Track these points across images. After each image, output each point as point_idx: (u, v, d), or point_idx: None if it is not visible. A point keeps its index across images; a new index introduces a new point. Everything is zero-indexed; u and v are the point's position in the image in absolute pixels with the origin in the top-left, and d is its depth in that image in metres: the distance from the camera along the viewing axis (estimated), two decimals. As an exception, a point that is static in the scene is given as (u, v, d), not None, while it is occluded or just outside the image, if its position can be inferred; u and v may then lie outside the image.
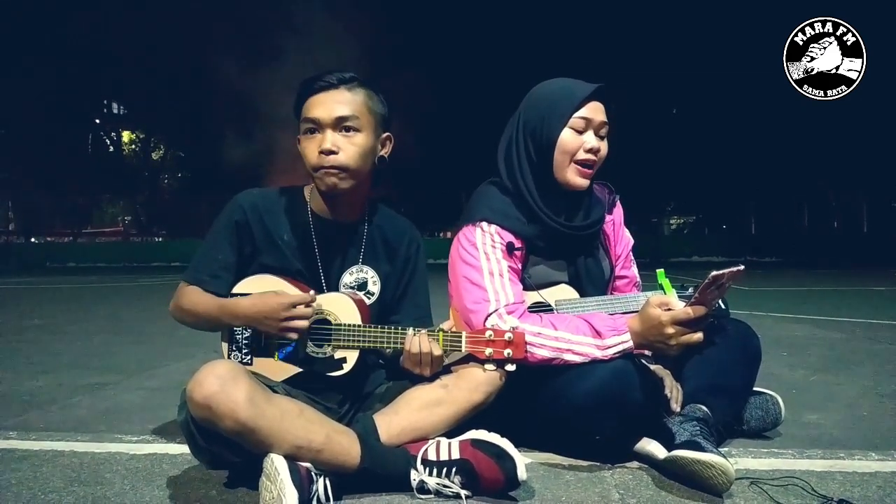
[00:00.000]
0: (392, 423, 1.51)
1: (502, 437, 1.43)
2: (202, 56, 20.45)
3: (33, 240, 27.24)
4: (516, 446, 1.42)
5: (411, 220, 1.87)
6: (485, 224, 1.73)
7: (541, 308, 1.77)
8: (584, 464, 1.64)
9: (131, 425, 2.07)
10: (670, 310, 1.57)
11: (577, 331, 1.60)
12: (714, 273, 1.52)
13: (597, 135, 1.73)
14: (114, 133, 30.27)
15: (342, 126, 1.59)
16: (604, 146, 1.75)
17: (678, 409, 1.69)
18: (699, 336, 1.57)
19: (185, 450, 1.67)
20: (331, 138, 1.58)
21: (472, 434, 1.46)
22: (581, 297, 1.81)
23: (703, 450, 1.42)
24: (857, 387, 2.57)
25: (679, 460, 1.46)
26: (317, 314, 1.58)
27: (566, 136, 1.71)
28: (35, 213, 27.12)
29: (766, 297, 7.10)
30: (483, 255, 1.70)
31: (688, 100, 23.99)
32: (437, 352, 1.52)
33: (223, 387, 1.30)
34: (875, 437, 1.89)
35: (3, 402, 2.42)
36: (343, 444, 1.41)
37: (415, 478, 1.42)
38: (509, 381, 1.57)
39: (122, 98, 28.65)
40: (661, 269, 1.83)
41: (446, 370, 1.59)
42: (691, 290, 1.71)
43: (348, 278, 1.70)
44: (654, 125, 22.46)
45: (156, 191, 29.99)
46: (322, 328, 1.59)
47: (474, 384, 1.53)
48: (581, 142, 1.71)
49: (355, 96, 1.61)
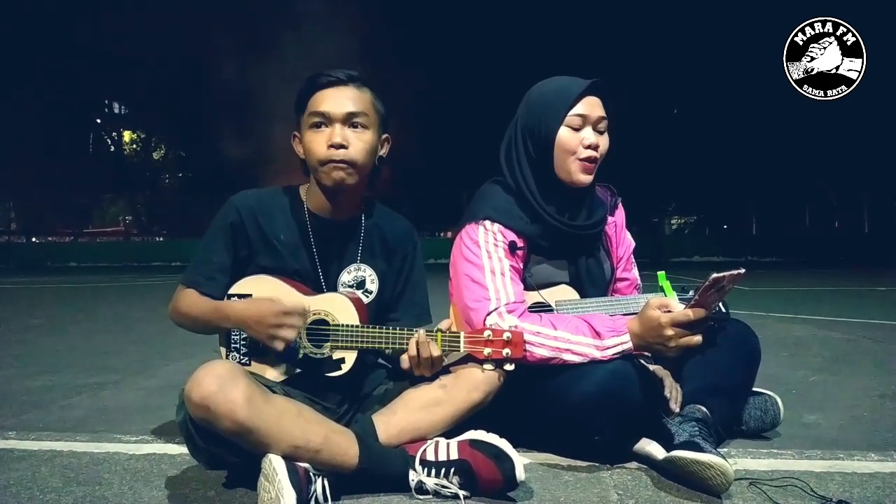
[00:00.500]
0: (390, 423, 1.51)
1: (501, 437, 1.43)
2: (203, 55, 20.46)
3: (34, 239, 27.23)
4: (515, 447, 1.42)
5: (412, 220, 1.87)
6: (488, 222, 1.73)
7: (541, 308, 1.77)
8: (583, 464, 1.64)
9: (130, 425, 2.07)
10: (670, 311, 1.57)
11: (577, 331, 1.60)
12: (715, 275, 1.52)
13: (595, 130, 1.72)
14: (115, 133, 30.32)
15: (351, 122, 1.60)
16: (604, 141, 1.74)
17: (677, 410, 1.69)
18: (698, 338, 1.57)
19: (183, 450, 1.67)
20: (340, 132, 1.58)
21: (471, 434, 1.46)
22: (581, 297, 1.81)
23: (702, 450, 1.42)
24: (857, 387, 2.57)
25: (678, 461, 1.45)
26: (315, 315, 1.58)
27: (564, 135, 1.71)
28: (36, 212, 27.12)
29: (767, 296, 7.09)
30: (485, 253, 1.70)
31: (688, 100, 23.98)
32: (435, 352, 1.52)
33: (221, 387, 1.30)
34: (875, 437, 1.89)
35: (1, 402, 2.42)
36: (341, 444, 1.41)
37: (413, 478, 1.41)
38: (508, 382, 1.57)
39: (123, 98, 28.69)
40: (662, 272, 1.83)
41: (445, 370, 1.59)
42: (692, 293, 1.71)
43: (346, 277, 1.70)
44: (655, 125, 22.45)
45: (157, 190, 30.02)
46: (320, 329, 1.58)
47: (473, 384, 1.53)
48: (579, 139, 1.71)
49: (363, 94, 1.63)
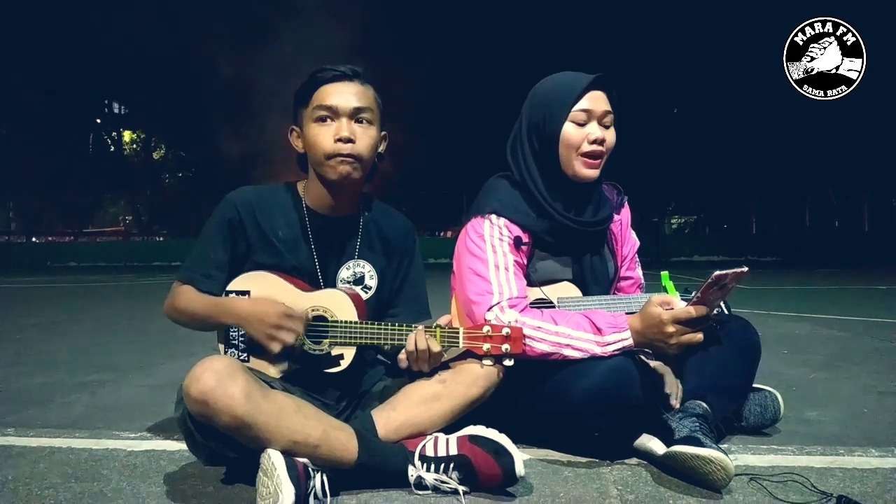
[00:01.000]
0: (390, 418, 1.51)
1: (500, 432, 1.43)
2: (203, 55, 20.45)
3: (34, 239, 27.25)
4: (515, 442, 1.41)
5: (412, 219, 1.87)
6: (494, 217, 1.73)
7: (543, 305, 1.77)
8: (583, 460, 1.63)
9: (129, 422, 2.06)
10: (672, 309, 1.56)
11: (578, 326, 1.59)
12: (717, 273, 1.51)
13: (600, 124, 1.72)
14: (115, 133, 30.29)
15: (358, 117, 1.61)
16: (610, 135, 1.74)
17: (678, 406, 1.69)
18: (699, 336, 1.57)
19: (182, 446, 1.66)
20: (348, 127, 1.59)
21: (470, 430, 1.45)
22: (584, 295, 1.81)
23: (702, 445, 1.42)
24: (858, 384, 2.57)
25: (678, 455, 1.45)
26: (313, 311, 1.58)
27: (568, 130, 1.71)
28: (36, 212, 27.16)
29: (768, 295, 7.08)
30: (490, 247, 1.70)
31: (689, 100, 23.98)
32: (434, 348, 1.52)
33: (220, 382, 1.30)
34: (875, 433, 1.89)
35: (1, 399, 2.42)
36: (340, 439, 1.40)
37: (412, 474, 1.41)
38: (508, 377, 1.57)
39: (123, 98, 28.67)
40: (666, 272, 1.83)
41: (444, 366, 1.58)
42: (694, 293, 1.71)
43: (345, 273, 1.70)
44: (656, 125, 22.44)
45: (157, 190, 30.01)
46: (319, 325, 1.58)
47: (472, 379, 1.53)
48: (584, 134, 1.71)
49: (368, 90, 1.64)
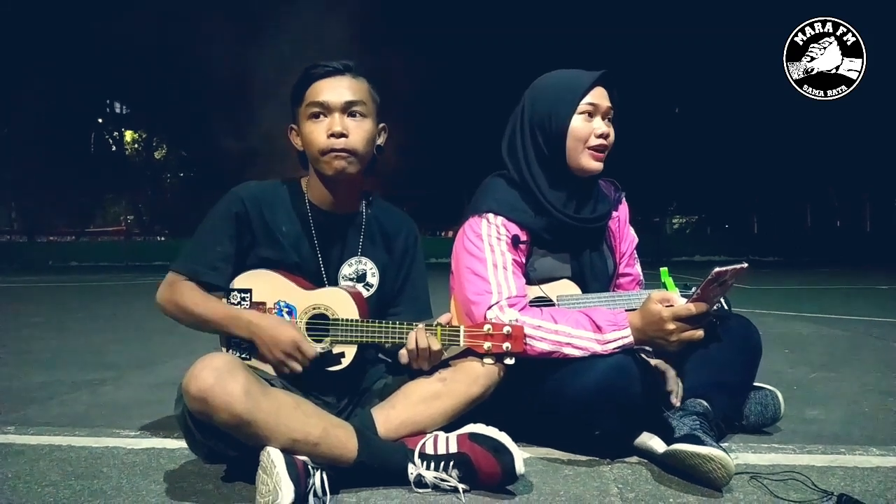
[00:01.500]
0: (390, 416, 1.50)
1: (501, 431, 1.42)
2: (204, 55, 20.45)
3: (36, 239, 27.26)
4: (515, 441, 1.41)
5: (413, 219, 1.86)
6: (491, 215, 1.73)
7: (542, 303, 1.76)
8: (583, 458, 1.63)
9: (129, 421, 2.06)
10: (672, 306, 1.56)
11: (578, 325, 1.59)
12: (717, 269, 1.51)
13: (604, 119, 1.75)
14: (116, 132, 30.32)
15: (350, 111, 1.61)
16: (612, 131, 1.76)
17: (678, 404, 1.68)
18: (700, 333, 1.57)
19: (182, 444, 1.66)
20: (340, 121, 1.59)
21: (470, 428, 1.45)
22: (583, 292, 1.80)
23: (702, 443, 1.41)
24: (859, 383, 2.56)
25: (678, 454, 1.45)
26: (314, 309, 1.58)
27: (577, 123, 1.72)
28: (38, 212, 27.16)
29: (769, 295, 7.08)
30: (488, 246, 1.70)
31: (690, 99, 23.97)
32: (435, 346, 1.51)
33: (219, 379, 1.29)
34: (876, 432, 1.88)
35: (1, 398, 2.42)
36: (340, 437, 1.40)
37: (412, 472, 1.41)
38: (508, 375, 1.57)
39: (125, 97, 28.68)
40: (665, 268, 1.82)
41: (444, 364, 1.58)
42: (694, 289, 1.71)
43: (347, 269, 1.70)
44: (657, 125, 22.43)
45: (158, 190, 30.06)
46: (320, 323, 1.58)
47: (472, 377, 1.53)
48: (591, 128, 1.72)
49: (360, 84, 1.64)
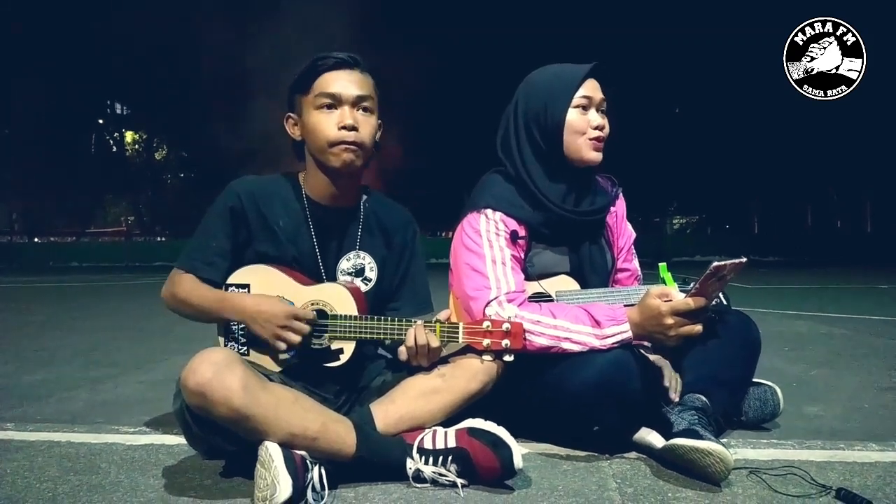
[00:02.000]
0: (388, 411, 1.50)
1: (499, 426, 1.42)
2: (205, 56, 20.47)
3: (36, 240, 27.29)
4: (514, 436, 1.41)
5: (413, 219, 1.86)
6: (489, 211, 1.73)
7: (541, 298, 1.76)
8: (582, 454, 1.63)
9: (129, 417, 2.06)
10: (670, 300, 1.56)
11: (576, 320, 1.59)
12: (716, 264, 1.51)
13: (598, 111, 1.75)
14: (117, 133, 30.35)
15: (360, 105, 1.61)
16: (606, 122, 1.77)
17: (677, 399, 1.68)
18: (698, 328, 1.57)
19: (181, 440, 1.67)
20: (351, 115, 1.59)
21: (469, 423, 1.45)
22: (582, 286, 1.80)
23: (701, 438, 1.41)
24: (858, 380, 2.56)
25: (677, 448, 1.44)
26: (313, 305, 1.58)
27: (572, 117, 1.72)
28: (38, 213, 27.20)
29: (769, 294, 7.08)
30: (486, 242, 1.70)
31: (690, 99, 23.97)
32: (434, 343, 1.51)
33: (217, 374, 1.29)
34: (875, 428, 1.88)
35: (1, 395, 2.42)
36: (339, 432, 1.40)
37: (411, 466, 1.41)
38: (507, 371, 1.57)
39: (125, 98, 28.69)
40: (664, 263, 1.82)
41: (444, 360, 1.58)
42: (693, 284, 1.71)
43: (345, 264, 1.69)
44: (657, 125, 22.43)
45: (158, 191, 30.07)
46: (319, 319, 1.57)
47: (471, 373, 1.53)
48: (587, 120, 1.73)
49: (367, 79, 1.65)
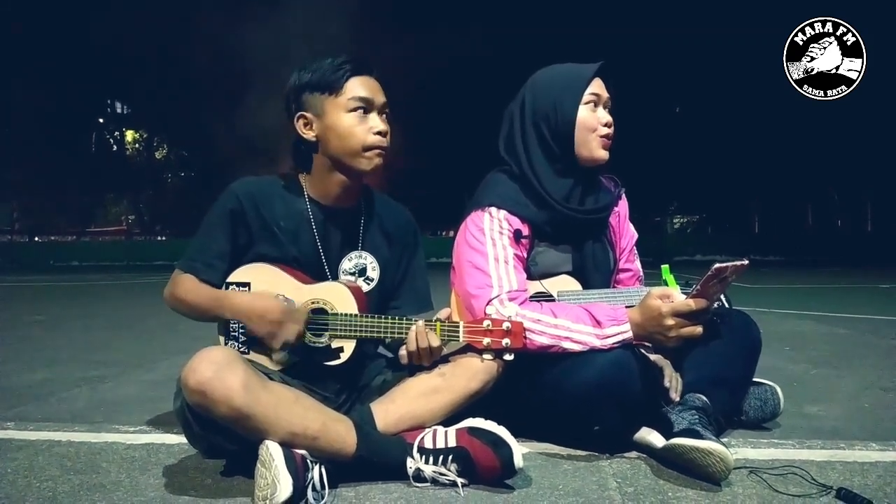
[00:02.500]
0: (389, 411, 1.50)
1: (500, 425, 1.42)
2: (205, 55, 20.45)
3: (37, 239, 27.31)
4: (515, 436, 1.41)
5: (413, 219, 1.86)
6: (493, 209, 1.73)
7: (543, 298, 1.76)
8: (583, 453, 1.63)
9: (129, 416, 2.06)
10: (671, 301, 1.56)
11: (577, 319, 1.59)
12: (717, 265, 1.51)
13: (605, 109, 1.77)
14: (117, 132, 30.36)
15: (384, 111, 1.64)
16: (612, 121, 1.79)
17: (677, 399, 1.67)
18: (699, 330, 1.56)
19: (182, 440, 1.66)
20: (382, 120, 1.62)
21: (469, 422, 1.45)
22: (585, 285, 1.80)
23: (701, 437, 1.41)
24: (859, 380, 2.56)
25: (677, 448, 1.44)
26: (314, 304, 1.58)
27: (584, 114, 1.73)
28: (39, 212, 27.22)
29: (770, 294, 7.07)
30: (490, 240, 1.70)
31: (691, 99, 23.96)
32: (434, 342, 1.51)
33: (217, 372, 1.29)
34: (876, 428, 1.88)
35: (1, 395, 2.42)
36: (339, 431, 1.40)
37: (411, 466, 1.41)
38: (508, 370, 1.56)
39: (126, 97, 28.71)
40: (666, 265, 1.82)
41: (444, 359, 1.58)
42: (694, 286, 1.70)
43: (347, 264, 1.69)
44: (658, 124, 22.42)
45: (159, 190, 30.09)
46: (319, 318, 1.57)
47: (472, 372, 1.53)
48: (597, 117, 1.74)
49: (380, 86, 1.67)
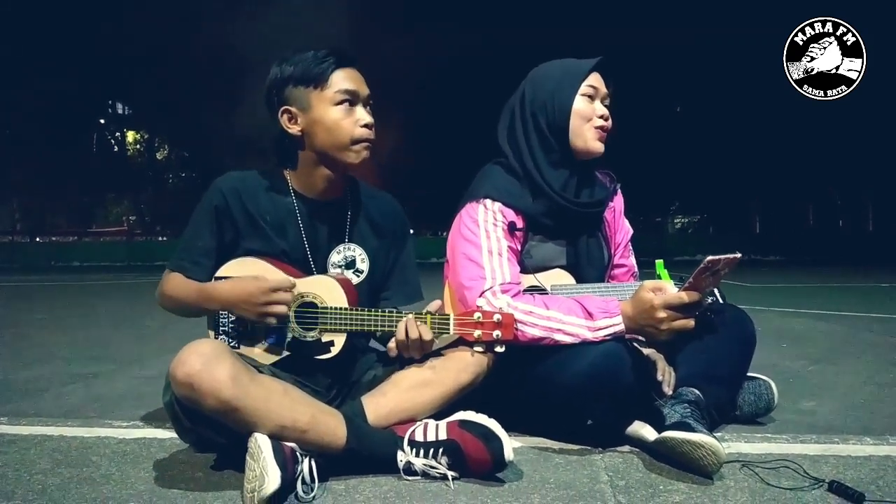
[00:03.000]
0: (380, 404, 1.50)
1: (490, 418, 1.42)
2: (206, 56, 20.46)
3: (38, 239, 27.32)
4: (507, 430, 1.40)
5: (411, 219, 1.86)
6: (488, 201, 1.73)
7: (536, 292, 1.76)
8: (575, 447, 1.62)
9: (121, 412, 2.06)
10: (663, 294, 1.55)
11: (569, 311, 1.58)
12: (710, 258, 1.50)
13: (603, 103, 1.78)
14: (118, 133, 30.37)
15: (369, 103, 1.63)
16: (609, 116, 1.79)
17: (670, 393, 1.67)
18: (691, 323, 1.56)
19: (173, 434, 1.66)
20: (368, 113, 1.61)
21: (460, 415, 1.44)
22: (579, 280, 1.80)
23: (693, 430, 1.40)
24: (855, 376, 2.55)
25: (669, 441, 1.44)
26: (303, 297, 1.57)
27: (580, 104, 1.74)
28: (40, 212, 27.25)
29: (770, 292, 7.06)
30: (484, 232, 1.70)
31: (691, 98, 23.93)
32: (426, 335, 1.51)
33: (206, 365, 1.29)
34: (871, 423, 1.87)
35: (-4, 391, 2.42)
36: (329, 424, 1.39)
37: (402, 459, 1.40)
38: (500, 363, 1.56)
39: (127, 98, 28.72)
40: (661, 260, 1.81)
41: (435, 353, 1.57)
42: (687, 280, 1.70)
43: (336, 257, 1.69)
44: (658, 124, 22.40)
45: (160, 190, 30.10)
46: (308, 311, 1.57)
47: (462, 365, 1.52)
48: (593, 108, 1.75)
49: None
